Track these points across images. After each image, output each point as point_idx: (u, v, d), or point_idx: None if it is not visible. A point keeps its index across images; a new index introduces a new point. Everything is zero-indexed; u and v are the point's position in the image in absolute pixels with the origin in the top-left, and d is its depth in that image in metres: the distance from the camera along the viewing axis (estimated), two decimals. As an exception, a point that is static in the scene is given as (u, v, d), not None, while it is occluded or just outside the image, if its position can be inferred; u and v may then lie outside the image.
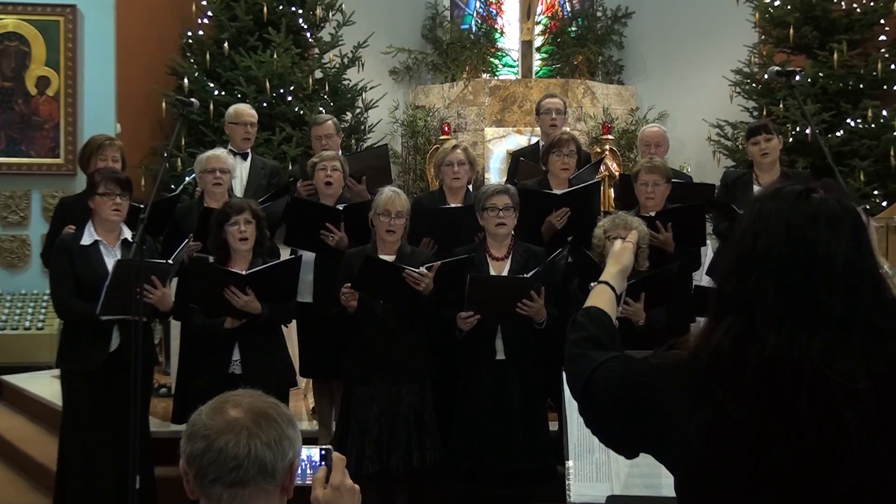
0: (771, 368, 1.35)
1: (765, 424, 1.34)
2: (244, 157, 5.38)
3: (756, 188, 4.93)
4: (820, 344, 1.35)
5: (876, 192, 7.04)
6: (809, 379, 1.33)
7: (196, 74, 7.71)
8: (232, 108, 5.55)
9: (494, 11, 10.01)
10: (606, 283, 1.90)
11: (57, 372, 4.54)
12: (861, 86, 7.38)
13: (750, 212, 1.47)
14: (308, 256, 4.65)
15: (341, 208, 4.60)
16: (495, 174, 8.31)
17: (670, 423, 1.45)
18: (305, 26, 8.14)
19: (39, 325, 7.06)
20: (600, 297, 1.85)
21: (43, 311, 7.14)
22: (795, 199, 1.43)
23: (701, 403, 1.40)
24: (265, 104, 7.53)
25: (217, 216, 4.15)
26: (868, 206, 6.69)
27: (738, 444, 1.37)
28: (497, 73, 9.73)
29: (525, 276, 4.01)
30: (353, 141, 7.92)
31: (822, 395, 1.32)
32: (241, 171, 5.28)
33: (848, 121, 7.27)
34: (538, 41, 9.69)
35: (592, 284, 1.93)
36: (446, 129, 8.56)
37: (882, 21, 7.56)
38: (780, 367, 1.35)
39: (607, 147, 8.28)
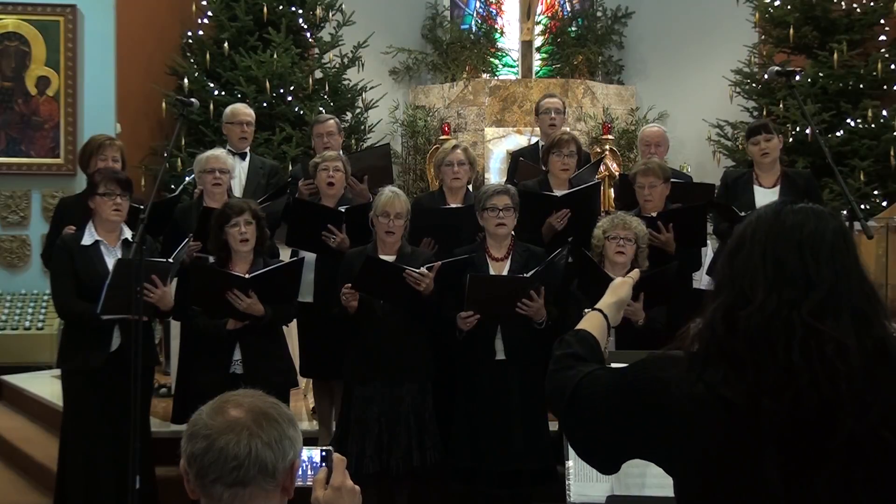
0: (761, 328, 1.41)
1: (760, 380, 1.39)
2: (242, 156, 5.38)
3: (756, 188, 4.93)
4: (810, 305, 1.41)
5: (876, 192, 7.04)
6: (801, 334, 1.39)
7: (196, 74, 7.71)
8: (228, 108, 5.55)
9: (494, 11, 10.00)
10: (600, 310, 1.92)
11: (57, 372, 4.54)
12: (861, 86, 7.38)
13: (742, 223, 1.56)
14: (309, 256, 4.65)
15: (343, 210, 4.60)
16: (495, 174, 8.31)
17: (671, 406, 1.47)
18: (305, 26, 8.14)
19: (39, 325, 7.06)
20: (591, 323, 1.87)
21: (43, 311, 7.14)
22: (783, 203, 1.53)
23: (700, 377, 1.45)
24: (265, 104, 7.53)
25: (217, 217, 4.15)
26: (868, 206, 6.69)
27: (732, 412, 1.41)
28: (497, 73, 9.73)
29: (525, 275, 4.02)
30: (353, 141, 7.92)
31: (815, 349, 1.38)
32: (239, 170, 5.28)
33: (848, 121, 7.27)
34: (538, 41, 9.69)
35: (586, 311, 1.94)
36: (446, 129, 8.56)
37: (882, 21, 7.56)
38: (770, 325, 1.41)
39: (607, 147, 8.28)
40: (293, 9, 8.01)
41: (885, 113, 7.23)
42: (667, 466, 1.55)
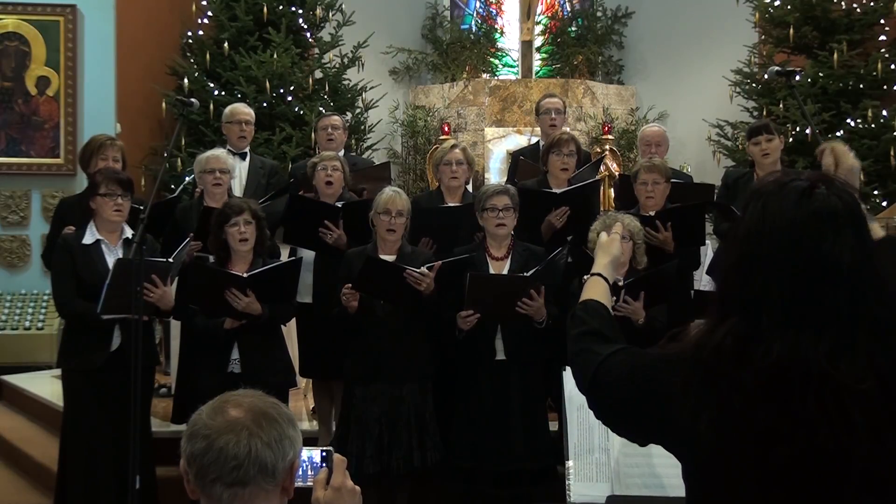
0: (776, 371, 1.37)
1: (772, 423, 1.36)
2: (242, 156, 5.38)
3: (756, 188, 4.92)
4: (826, 345, 1.36)
5: (876, 192, 7.04)
6: (816, 381, 1.35)
7: (196, 74, 7.71)
8: (227, 108, 5.56)
9: (494, 11, 10.01)
10: (599, 274, 1.92)
11: (57, 372, 4.54)
12: (861, 86, 7.38)
13: (753, 209, 1.47)
14: (308, 257, 4.66)
15: (339, 206, 4.60)
16: (495, 174, 8.31)
17: (675, 415, 1.46)
18: (305, 26, 8.14)
19: (39, 325, 7.06)
20: (595, 289, 1.87)
21: (43, 311, 7.14)
22: (799, 196, 1.43)
23: (705, 398, 1.42)
24: (265, 104, 7.53)
25: (217, 217, 4.15)
26: (868, 206, 6.70)
27: (745, 441, 1.38)
28: (497, 73, 9.73)
29: (525, 274, 4.01)
30: (353, 141, 7.91)
31: (830, 397, 1.34)
32: (239, 170, 5.28)
33: (848, 121, 7.27)
34: (538, 41, 9.69)
35: (585, 277, 1.94)
36: (446, 129, 8.56)
37: (882, 21, 7.56)
38: (786, 370, 1.36)
39: (607, 147, 8.28)
40: (293, 9, 8.01)
41: (885, 113, 7.23)
42: (676, 457, 1.55)
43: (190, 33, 8.10)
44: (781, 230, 1.42)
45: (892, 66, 7.39)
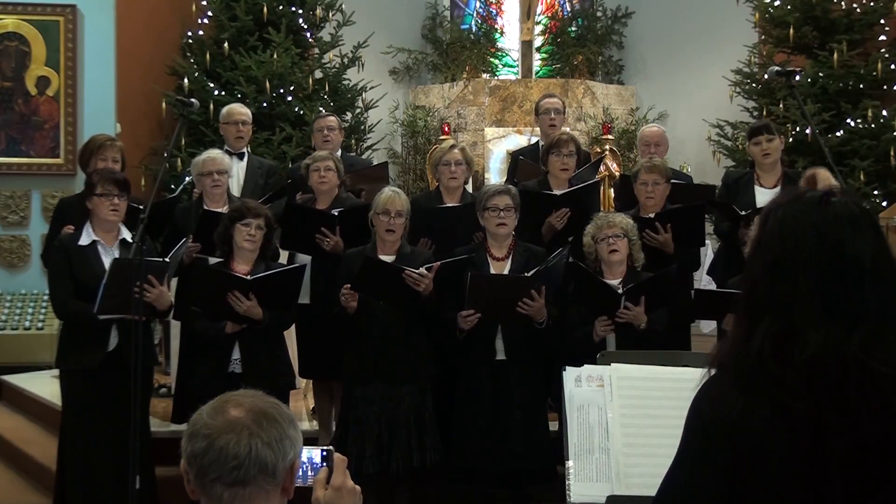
0: (816, 366, 1.41)
1: (821, 417, 1.41)
2: (240, 156, 5.37)
3: (757, 188, 4.92)
4: (859, 338, 1.41)
5: (876, 192, 7.04)
6: (855, 372, 1.40)
7: (196, 74, 7.70)
8: (224, 109, 5.55)
9: (494, 11, 10.01)
10: None
11: (57, 372, 4.54)
12: (861, 86, 7.38)
13: (773, 218, 1.52)
14: (306, 258, 4.65)
15: (336, 213, 4.59)
16: (495, 174, 8.31)
17: (724, 421, 1.48)
18: (305, 26, 8.14)
19: (39, 325, 7.05)
20: None
21: (43, 311, 7.14)
22: (817, 204, 1.50)
23: (756, 398, 1.45)
24: (265, 104, 7.53)
25: (231, 213, 4.16)
26: (868, 206, 6.69)
27: (798, 436, 1.42)
28: (497, 73, 9.73)
29: (526, 275, 4.01)
30: (353, 141, 7.91)
31: (870, 386, 1.39)
32: (237, 170, 5.27)
33: (848, 121, 7.27)
34: (538, 41, 9.69)
35: None
36: (446, 129, 8.55)
37: (882, 21, 7.56)
38: (824, 364, 1.41)
39: (607, 147, 8.28)
40: (293, 9, 8.00)
41: (885, 113, 7.23)
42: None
43: (190, 33, 8.09)
44: (805, 232, 1.48)
45: (892, 66, 7.38)
